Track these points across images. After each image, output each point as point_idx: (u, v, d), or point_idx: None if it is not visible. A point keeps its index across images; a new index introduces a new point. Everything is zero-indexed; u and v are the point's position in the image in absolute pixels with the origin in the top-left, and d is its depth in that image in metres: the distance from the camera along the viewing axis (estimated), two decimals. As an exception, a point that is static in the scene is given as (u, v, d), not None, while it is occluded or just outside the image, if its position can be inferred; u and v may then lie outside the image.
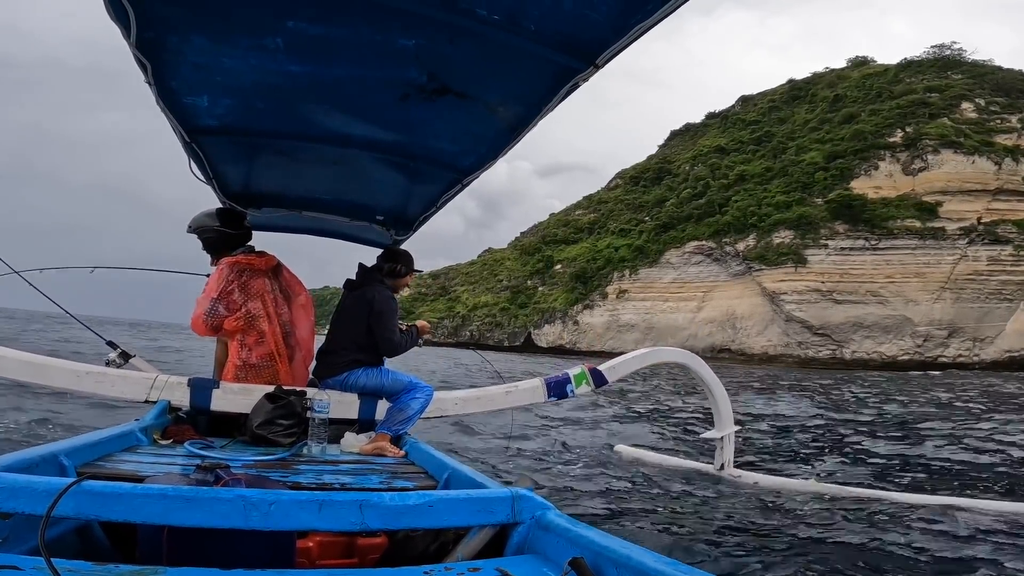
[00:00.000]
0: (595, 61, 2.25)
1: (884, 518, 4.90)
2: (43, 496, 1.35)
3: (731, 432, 5.88)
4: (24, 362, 3.53)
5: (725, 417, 5.77)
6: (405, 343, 3.88)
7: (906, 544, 4.26)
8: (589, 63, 2.27)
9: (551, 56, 2.28)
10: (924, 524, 4.72)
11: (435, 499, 1.66)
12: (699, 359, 5.74)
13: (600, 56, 2.22)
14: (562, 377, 4.86)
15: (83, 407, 7.55)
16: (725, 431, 5.82)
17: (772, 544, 4.22)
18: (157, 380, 3.63)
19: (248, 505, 1.43)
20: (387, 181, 3.95)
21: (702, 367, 5.67)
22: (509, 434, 7.48)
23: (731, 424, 5.83)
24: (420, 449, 3.10)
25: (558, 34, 2.17)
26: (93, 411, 7.28)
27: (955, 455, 8.37)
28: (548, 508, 1.72)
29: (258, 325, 3.74)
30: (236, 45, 2.44)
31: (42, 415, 7.06)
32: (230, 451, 2.95)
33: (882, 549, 4.17)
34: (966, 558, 4.03)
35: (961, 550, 4.17)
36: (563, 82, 2.43)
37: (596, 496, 5.48)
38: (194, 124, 3.18)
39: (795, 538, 4.34)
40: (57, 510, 1.32)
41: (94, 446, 2.40)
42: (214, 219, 3.97)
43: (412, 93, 2.71)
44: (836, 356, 58.77)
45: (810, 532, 4.48)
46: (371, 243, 5.28)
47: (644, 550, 1.34)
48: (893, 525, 4.71)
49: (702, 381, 5.73)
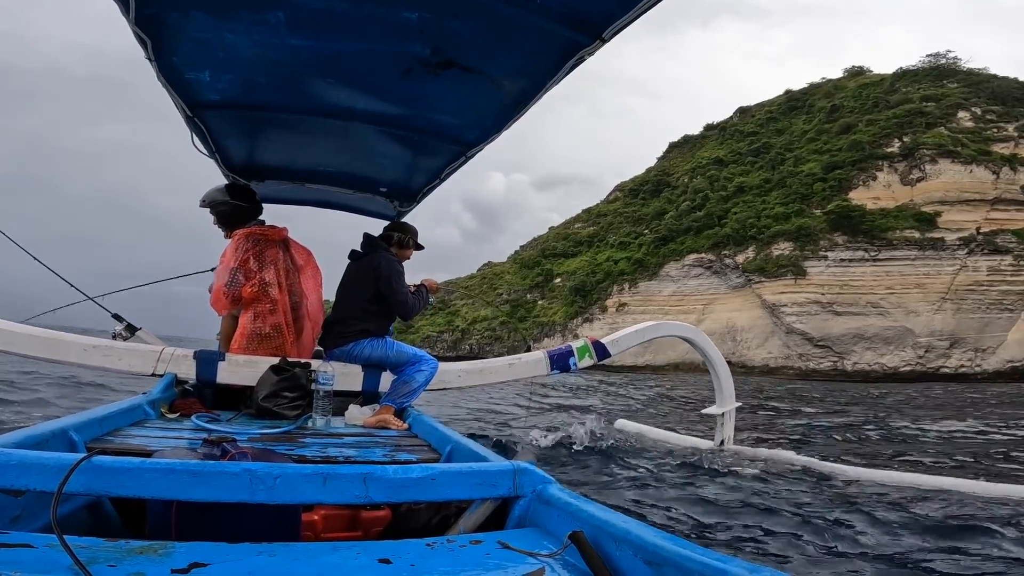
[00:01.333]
0: (601, 35, 2.24)
1: (883, 496, 4.85)
2: (54, 472, 1.34)
3: (732, 409, 5.89)
4: (31, 336, 3.51)
5: (727, 394, 5.77)
6: (417, 303, 3.88)
7: (901, 522, 4.20)
8: (595, 37, 2.26)
9: (557, 30, 2.27)
10: (924, 504, 4.65)
11: (437, 472, 1.65)
12: (702, 334, 5.74)
13: (606, 30, 2.20)
14: (565, 349, 4.88)
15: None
16: (726, 407, 5.83)
17: (770, 519, 4.21)
18: (163, 353, 3.63)
19: (254, 479, 1.43)
20: (391, 154, 3.96)
21: (706, 342, 5.68)
22: (529, 405, 7.43)
23: (732, 401, 5.83)
24: (423, 422, 3.08)
25: (564, 7, 2.15)
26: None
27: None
28: (549, 482, 1.73)
29: (271, 293, 3.77)
30: (238, 20, 2.41)
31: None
32: (236, 424, 2.96)
33: (878, 526, 4.13)
34: (965, 539, 3.95)
35: (960, 532, 4.10)
36: (568, 56, 2.42)
37: (597, 471, 5.53)
38: (196, 99, 3.18)
39: (793, 513, 4.32)
40: (68, 486, 1.32)
41: (103, 421, 2.39)
42: (225, 193, 4.03)
43: (416, 67, 2.70)
44: (837, 368, 58.45)
45: (807, 508, 4.46)
46: (375, 215, 5.32)
47: (643, 525, 1.34)
48: (891, 503, 4.66)
49: (705, 356, 5.74)
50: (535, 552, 1.36)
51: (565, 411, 10.02)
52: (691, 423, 10.25)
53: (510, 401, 10.53)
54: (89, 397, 7.94)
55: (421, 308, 3.96)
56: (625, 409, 13.20)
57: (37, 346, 3.52)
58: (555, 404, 10.76)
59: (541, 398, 13.69)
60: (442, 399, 8.06)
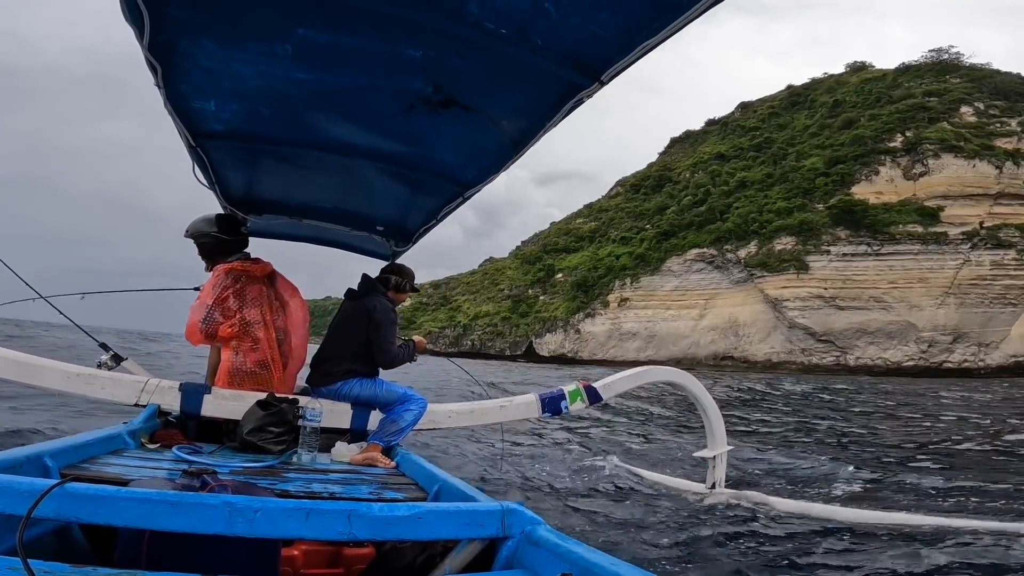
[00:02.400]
0: (600, 77, 2.26)
1: (875, 540, 4.82)
2: (25, 497, 1.34)
3: (724, 452, 5.87)
4: (12, 361, 3.43)
5: (718, 436, 5.77)
6: (402, 356, 3.86)
7: (892, 567, 4.18)
8: (594, 79, 2.28)
9: (557, 71, 2.29)
10: (917, 546, 4.63)
11: (424, 511, 1.64)
12: (693, 378, 5.73)
13: (605, 73, 2.23)
14: (556, 393, 4.85)
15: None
16: (718, 450, 5.81)
17: (760, 565, 4.20)
18: (148, 384, 3.58)
19: (233, 511, 1.42)
20: (389, 192, 3.96)
21: (696, 386, 5.67)
22: (502, 451, 7.43)
23: (724, 443, 5.83)
24: (411, 460, 3.08)
25: (564, 50, 2.18)
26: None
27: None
28: (538, 523, 1.71)
29: (253, 332, 3.68)
30: (246, 50, 2.45)
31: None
32: (218, 457, 2.92)
33: (871, 572, 4.12)
34: None
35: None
36: (568, 97, 2.43)
37: (587, 512, 5.49)
38: (201, 128, 3.18)
39: (785, 559, 4.32)
40: (38, 511, 1.31)
41: (79, 448, 2.38)
42: (212, 225, 3.93)
43: (417, 104, 2.71)
44: (840, 363, 58.49)
45: (800, 554, 4.45)
46: (370, 253, 5.30)
47: (632, 567, 1.34)
48: (887, 547, 4.63)
49: (696, 400, 5.71)
50: None
51: (551, 439, 10.10)
52: (685, 439, 10.11)
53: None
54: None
55: (404, 362, 3.93)
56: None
57: (18, 372, 3.44)
58: (539, 427, 10.74)
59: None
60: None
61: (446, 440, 8.33)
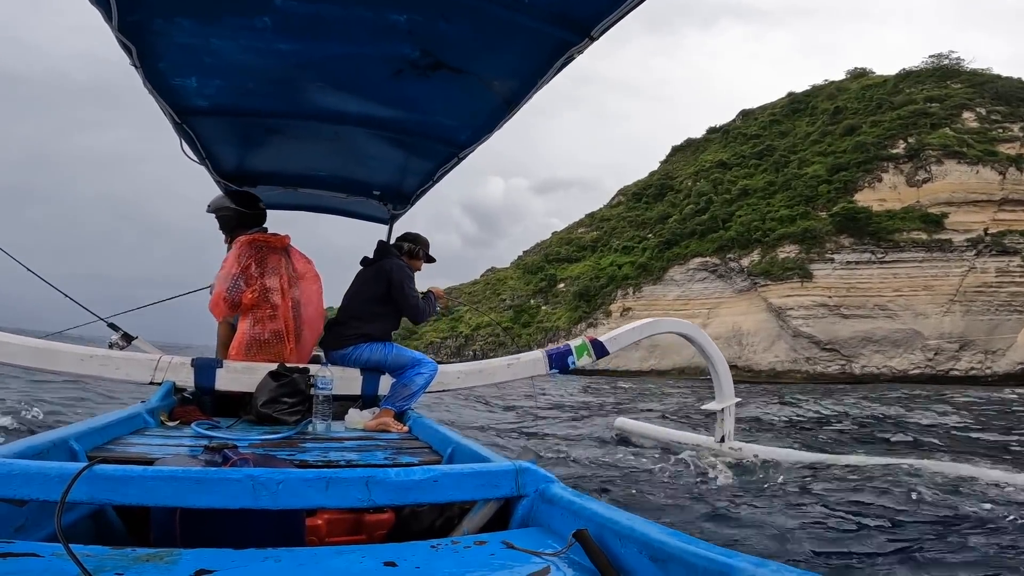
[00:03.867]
0: (590, 33, 2.23)
1: (884, 485, 4.83)
2: (56, 481, 1.36)
3: (732, 404, 5.87)
4: (27, 347, 3.52)
5: (726, 389, 5.75)
6: (426, 308, 3.89)
7: (905, 510, 4.15)
8: (584, 35, 2.25)
9: (546, 29, 2.26)
10: (927, 490, 4.62)
11: (440, 474, 1.66)
12: (700, 330, 5.73)
13: (595, 28, 2.20)
14: (563, 348, 4.88)
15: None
16: (726, 403, 5.81)
17: (773, 514, 4.20)
18: (161, 361, 3.62)
19: (257, 485, 1.44)
20: (383, 156, 3.97)
21: (704, 338, 5.67)
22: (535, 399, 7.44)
23: (732, 396, 5.81)
24: (424, 424, 3.08)
25: (553, 7, 2.15)
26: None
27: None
28: (552, 481, 1.73)
29: (272, 299, 3.75)
30: (224, 25, 2.39)
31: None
32: (236, 431, 2.94)
33: (881, 518, 4.08)
34: (971, 528, 3.94)
35: (970, 521, 4.09)
36: (558, 55, 2.41)
37: (599, 469, 5.55)
38: (184, 105, 3.16)
39: (796, 509, 4.31)
40: (71, 495, 1.33)
41: (103, 430, 2.39)
42: (229, 200, 4.04)
43: (406, 69, 2.69)
44: (845, 371, 57.93)
45: (811, 503, 4.44)
46: (369, 218, 5.33)
47: (648, 521, 1.35)
48: (892, 492, 4.63)
49: (703, 352, 5.71)
50: (540, 551, 1.36)
51: (561, 400, 10.10)
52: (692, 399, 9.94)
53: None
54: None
55: (431, 314, 3.98)
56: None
57: (34, 357, 3.51)
58: (548, 389, 10.84)
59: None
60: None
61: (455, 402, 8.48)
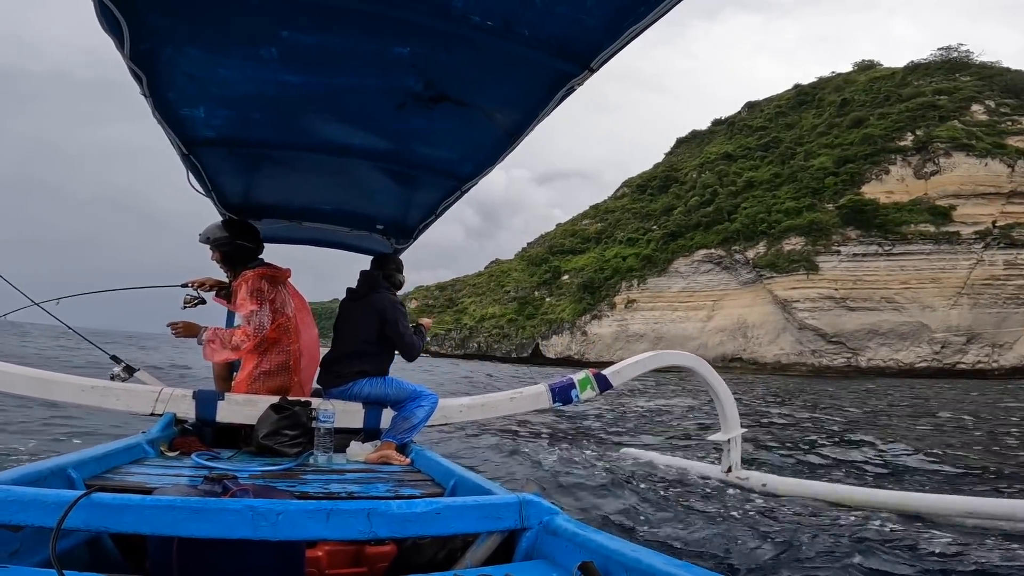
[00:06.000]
0: (590, 65, 2.26)
1: (895, 523, 4.77)
2: (53, 508, 1.36)
3: (738, 435, 5.85)
4: (29, 378, 3.53)
5: (731, 419, 5.74)
6: (419, 344, 3.92)
7: (917, 550, 4.10)
8: (584, 67, 2.28)
9: (546, 61, 2.29)
10: (940, 531, 4.55)
11: (442, 506, 1.65)
12: (704, 362, 5.70)
13: (595, 60, 2.23)
14: (566, 382, 4.84)
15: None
16: (731, 434, 5.80)
17: (780, 548, 4.17)
18: (162, 393, 3.64)
19: (256, 515, 1.44)
20: (386, 190, 3.98)
21: (707, 370, 5.64)
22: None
23: (737, 426, 5.81)
24: (426, 456, 3.10)
25: (552, 39, 2.18)
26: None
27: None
28: (556, 513, 1.71)
29: (288, 333, 3.79)
30: (231, 55, 2.44)
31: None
32: (237, 462, 2.96)
33: (891, 555, 4.03)
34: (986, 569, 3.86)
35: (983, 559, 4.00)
36: (559, 86, 2.44)
37: (604, 500, 5.50)
38: (191, 136, 3.19)
39: (803, 542, 4.28)
40: (67, 522, 1.33)
41: (101, 459, 2.40)
42: (225, 230, 3.94)
43: (409, 101, 2.72)
44: (851, 364, 57.83)
45: (819, 536, 4.42)
46: (372, 252, 5.31)
47: (653, 553, 1.33)
48: (904, 530, 4.56)
49: (707, 384, 5.70)
50: None
51: (565, 429, 10.04)
52: (698, 425, 9.86)
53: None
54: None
55: (421, 348, 4.00)
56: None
57: (36, 387, 3.52)
58: (552, 417, 10.72)
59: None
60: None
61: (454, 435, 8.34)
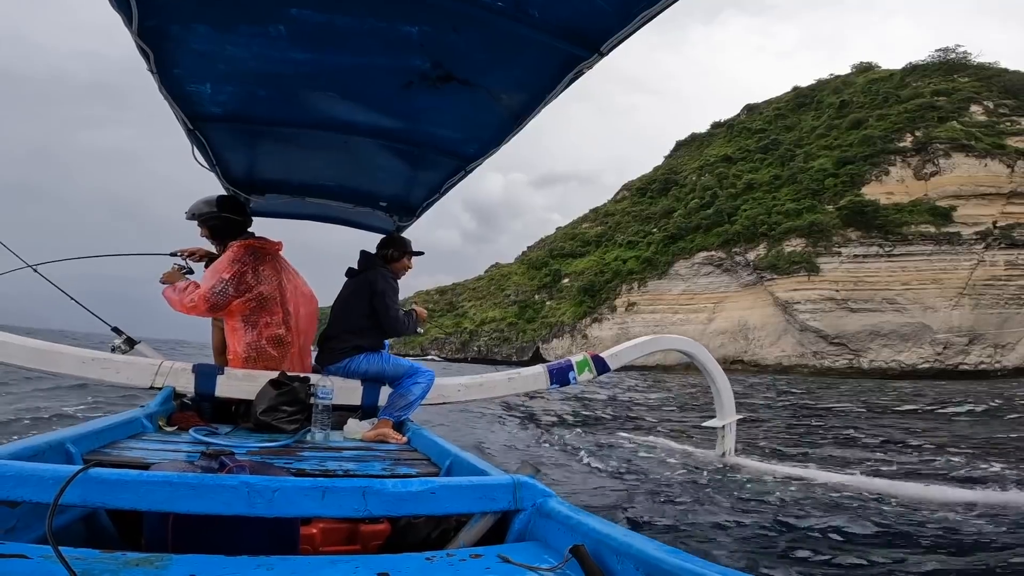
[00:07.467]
0: (599, 48, 2.25)
1: (885, 507, 4.82)
2: (50, 484, 1.35)
3: (733, 421, 5.90)
4: (29, 348, 3.55)
5: (727, 406, 5.78)
6: (406, 323, 3.89)
7: (904, 534, 4.16)
8: (593, 51, 2.28)
9: (555, 44, 2.28)
10: (929, 516, 4.62)
11: (437, 486, 1.65)
12: (702, 348, 5.73)
13: (604, 44, 2.22)
14: (564, 364, 4.87)
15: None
16: (727, 420, 5.85)
17: (773, 532, 4.20)
18: (162, 366, 3.63)
19: (252, 492, 1.44)
20: (391, 168, 3.98)
21: (705, 356, 5.66)
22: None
23: (733, 413, 5.85)
24: (422, 436, 3.10)
25: (562, 22, 2.17)
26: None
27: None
28: (549, 495, 1.72)
29: (270, 307, 3.73)
30: (239, 32, 2.44)
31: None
32: (234, 438, 2.96)
33: (880, 537, 4.09)
34: (976, 550, 3.96)
35: (975, 545, 4.10)
36: (567, 70, 2.43)
37: (598, 483, 5.52)
38: (197, 111, 3.20)
39: (796, 526, 4.34)
40: (64, 498, 1.32)
41: (100, 433, 2.40)
42: (214, 206, 3.94)
43: (416, 81, 2.72)
44: (853, 365, 57.72)
45: (811, 520, 4.46)
46: (375, 229, 5.33)
47: (645, 538, 1.34)
48: (896, 515, 4.62)
49: (704, 370, 5.73)
50: (536, 566, 1.35)
51: (561, 413, 10.08)
52: (694, 412, 9.88)
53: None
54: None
55: (410, 331, 3.98)
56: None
57: (35, 358, 3.54)
58: (548, 402, 10.72)
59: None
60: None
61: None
